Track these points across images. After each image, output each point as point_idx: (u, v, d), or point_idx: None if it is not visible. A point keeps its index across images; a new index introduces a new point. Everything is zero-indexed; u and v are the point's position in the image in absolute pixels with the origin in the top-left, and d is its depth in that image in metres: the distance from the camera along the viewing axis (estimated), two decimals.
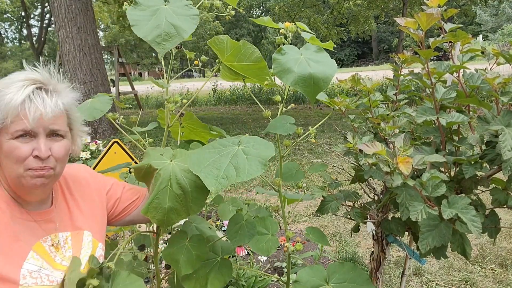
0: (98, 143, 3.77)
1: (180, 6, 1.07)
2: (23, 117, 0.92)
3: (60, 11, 7.74)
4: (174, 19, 1.04)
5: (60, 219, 1.05)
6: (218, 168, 0.97)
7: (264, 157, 0.97)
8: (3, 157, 0.94)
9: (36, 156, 0.93)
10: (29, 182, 0.94)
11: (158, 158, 1.05)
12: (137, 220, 1.26)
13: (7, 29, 35.17)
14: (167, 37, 1.02)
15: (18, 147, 0.92)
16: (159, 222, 1.03)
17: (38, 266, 0.95)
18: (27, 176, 0.94)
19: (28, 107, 0.92)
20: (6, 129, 0.92)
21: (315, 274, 1.15)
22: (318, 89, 1.04)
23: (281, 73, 1.04)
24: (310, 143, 6.89)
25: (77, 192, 1.12)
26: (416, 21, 1.13)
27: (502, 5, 31.43)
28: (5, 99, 0.91)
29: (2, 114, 0.91)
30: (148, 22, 1.02)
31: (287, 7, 15.88)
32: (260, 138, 1.04)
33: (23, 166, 0.93)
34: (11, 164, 0.93)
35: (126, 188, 1.24)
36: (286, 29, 1.20)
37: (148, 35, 1.01)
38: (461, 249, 1.16)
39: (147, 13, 1.04)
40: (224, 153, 1.01)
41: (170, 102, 1.17)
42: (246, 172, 0.95)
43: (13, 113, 0.91)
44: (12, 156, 0.92)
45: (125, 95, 12.50)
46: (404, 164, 1.01)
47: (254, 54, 1.14)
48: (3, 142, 0.93)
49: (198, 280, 1.19)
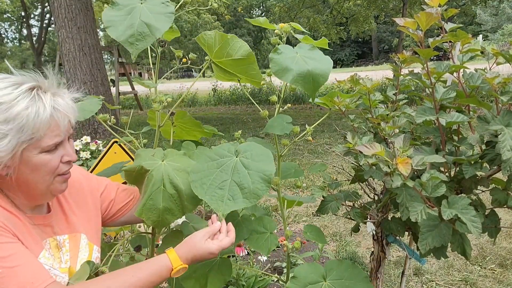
0: (98, 143, 3.76)
1: (156, 4, 1.05)
2: (54, 128, 0.89)
3: (60, 11, 7.74)
4: (148, 17, 1.02)
5: (57, 222, 1.05)
6: (222, 188, 0.97)
7: (266, 172, 0.97)
8: (30, 172, 0.90)
9: (68, 161, 0.94)
10: (57, 188, 0.95)
11: (149, 159, 1.05)
12: (132, 221, 1.25)
13: (7, 29, 35.18)
14: (140, 37, 1.00)
15: (50, 159, 0.90)
16: (154, 223, 1.03)
17: (49, 266, 0.95)
18: (56, 183, 0.94)
19: (57, 117, 0.89)
20: (36, 144, 0.88)
21: (312, 271, 1.15)
22: (317, 85, 1.05)
23: (280, 72, 1.04)
24: (310, 143, 6.89)
25: (71, 194, 1.11)
26: (415, 21, 1.13)
27: (502, 5, 31.45)
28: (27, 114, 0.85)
29: (30, 129, 0.85)
30: (123, 22, 1.01)
31: (287, 7, 15.88)
32: (257, 144, 1.04)
33: (54, 174, 0.93)
34: (42, 176, 0.91)
35: (120, 189, 1.24)
36: (281, 29, 1.20)
37: (121, 35, 1.00)
38: (461, 249, 1.16)
39: (123, 12, 1.03)
40: (223, 166, 1.00)
41: (156, 102, 1.16)
42: (252, 192, 0.95)
43: (45, 127, 0.87)
44: (45, 169, 0.91)
45: (125, 95, 12.52)
46: (403, 165, 1.01)
47: (243, 48, 1.13)
48: (30, 157, 0.88)
49: (197, 279, 1.19)
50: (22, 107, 0.85)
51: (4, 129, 0.84)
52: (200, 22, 28.99)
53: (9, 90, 0.87)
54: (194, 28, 29.05)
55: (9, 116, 0.84)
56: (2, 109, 0.84)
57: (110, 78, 10.27)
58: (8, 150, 0.84)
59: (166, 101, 1.17)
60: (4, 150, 0.84)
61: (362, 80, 1.37)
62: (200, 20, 28.65)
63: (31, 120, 0.85)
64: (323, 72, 1.05)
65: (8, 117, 0.84)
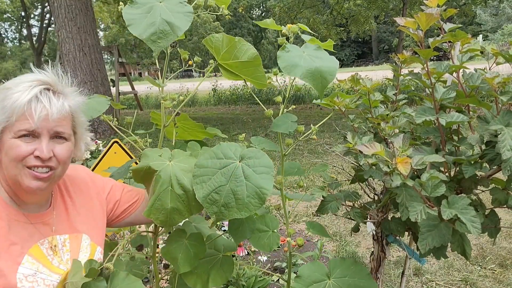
0: (98, 143, 3.77)
1: (174, 3, 1.07)
2: (28, 116, 0.91)
3: (60, 11, 7.74)
4: (168, 16, 1.03)
5: (58, 221, 1.04)
6: (218, 193, 0.99)
7: (263, 190, 0.98)
8: (4, 155, 0.94)
9: (37, 157, 0.93)
10: (25, 182, 0.93)
11: (157, 159, 1.05)
12: (136, 221, 1.25)
13: (7, 29, 35.23)
14: (162, 35, 1.01)
15: (19, 145, 0.92)
16: (162, 223, 1.03)
17: (33, 270, 0.93)
18: (24, 176, 0.93)
19: (34, 107, 0.91)
20: (10, 128, 0.92)
21: (316, 270, 1.16)
22: (325, 82, 1.07)
23: (288, 68, 1.06)
24: (310, 143, 6.90)
25: (76, 195, 1.11)
26: (415, 21, 1.14)
27: (502, 5, 31.45)
28: (12, 98, 0.91)
29: (7, 112, 0.91)
30: (143, 20, 1.02)
31: (287, 7, 15.89)
32: (262, 153, 1.04)
33: (21, 164, 0.92)
34: (9, 161, 0.93)
35: (125, 190, 1.23)
36: (288, 30, 1.21)
37: (143, 33, 1.01)
38: (461, 249, 1.16)
39: (142, 10, 1.04)
40: (225, 169, 1.01)
41: (166, 100, 1.17)
42: (244, 206, 0.97)
43: (19, 112, 0.91)
44: (12, 153, 0.92)
45: (125, 95, 12.53)
46: (403, 164, 1.01)
47: (250, 50, 1.14)
48: (6, 140, 0.92)
49: (199, 276, 1.20)
50: (15, 93, 0.92)
51: None
52: (199, 22, 29.02)
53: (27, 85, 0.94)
54: (194, 28, 29.08)
55: (4, 97, 0.92)
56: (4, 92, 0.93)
57: (110, 78, 10.27)
58: None
59: (177, 100, 1.18)
60: None
61: (362, 80, 1.37)
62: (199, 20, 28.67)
63: (11, 103, 0.91)
64: (331, 70, 1.07)
65: (3, 99, 0.92)
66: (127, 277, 0.98)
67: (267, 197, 0.98)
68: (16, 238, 0.94)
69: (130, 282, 0.98)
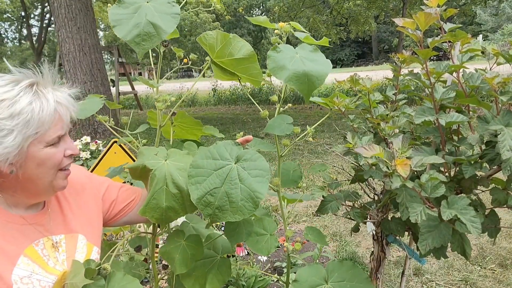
0: (98, 143, 3.76)
1: (162, 3, 1.05)
2: (58, 122, 0.91)
3: (60, 11, 7.74)
4: (155, 17, 1.01)
5: (53, 221, 1.03)
6: (213, 195, 0.98)
7: (256, 194, 0.97)
8: (35, 167, 0.90)
9: (69, 155, 0.95)
10: (59, 184, 0.95)
11: (152, 158, 1.05)
12: (133, 221, 1.25)
13: (7, 29, 35.14)
14: (146, 37, 1.00)
15: (54, 152, 0.91)
16: (157, 220, 1.03)
17: (29, 271, 0.92)
18: (58, 178, 0.94)
19: (60, 110, 0.91)
20: (41, 138, 0.89)
21: (314, 273, 1.15)
22: (312, 86, 1.05)
23: (275, 70, 1.05)
24: (310, 143, 6.89)
25: (71, 195, 1.10)
26: (414, 22, 1.13)
27: (502, 5, 31.44)
28: (34, 109, 0.86)
29: (34, 125, 0.86)
30: (129, 21, 1.00)
31: (286, 7, 15.89)
32: (259, 155, 1.03)
33: (56, 168, 0.93)
34: (47, 170, 0.92)
35: (122, 190, 1.23)
36: (281, 29, 1.20)
37: (127, 35, 0.99)
38: (461, 249, 1.16)
39: (129, 11, 1.02)
40: (220, 171, 1.00)
41: (160, 101, 1.16)
42: (238, 209, 0.96)
43: (50, 121, 0.89)
44: (50, 163, 0.91)
45: (125, 95, 12.52)
46: (402, 166, 1.01)
47: (245, 47, 1.13)
48: (35, 152, 0.89)
49: (197, 278, 1.19)
50: (25, 103, 0.86)
51: (9, 125, 0.84)
52: (199, 22, 28.98)
53: (9, 87, 0.87)
54: (193, 28, 29.04)
55: (13, 112, 0.85)
56: (5, 105, 0.85)
57: (110, 78, 10.26)
58: (15, 146, 0.85)
59: (169, 101, 1.17)
60: (10, 145, 0.84)
61: (362, 80, 1.37)
62: (199, 20, 28.65)
63: (36, 115, 0.86)
64: (320, 74, 1.05)
65: (13, 112, 0.85)
66: (124, 277, 0.98)
67: (260, 201, 0.97)
68: (11, 239, 0.92)
69: (127, 282, 0.97)
